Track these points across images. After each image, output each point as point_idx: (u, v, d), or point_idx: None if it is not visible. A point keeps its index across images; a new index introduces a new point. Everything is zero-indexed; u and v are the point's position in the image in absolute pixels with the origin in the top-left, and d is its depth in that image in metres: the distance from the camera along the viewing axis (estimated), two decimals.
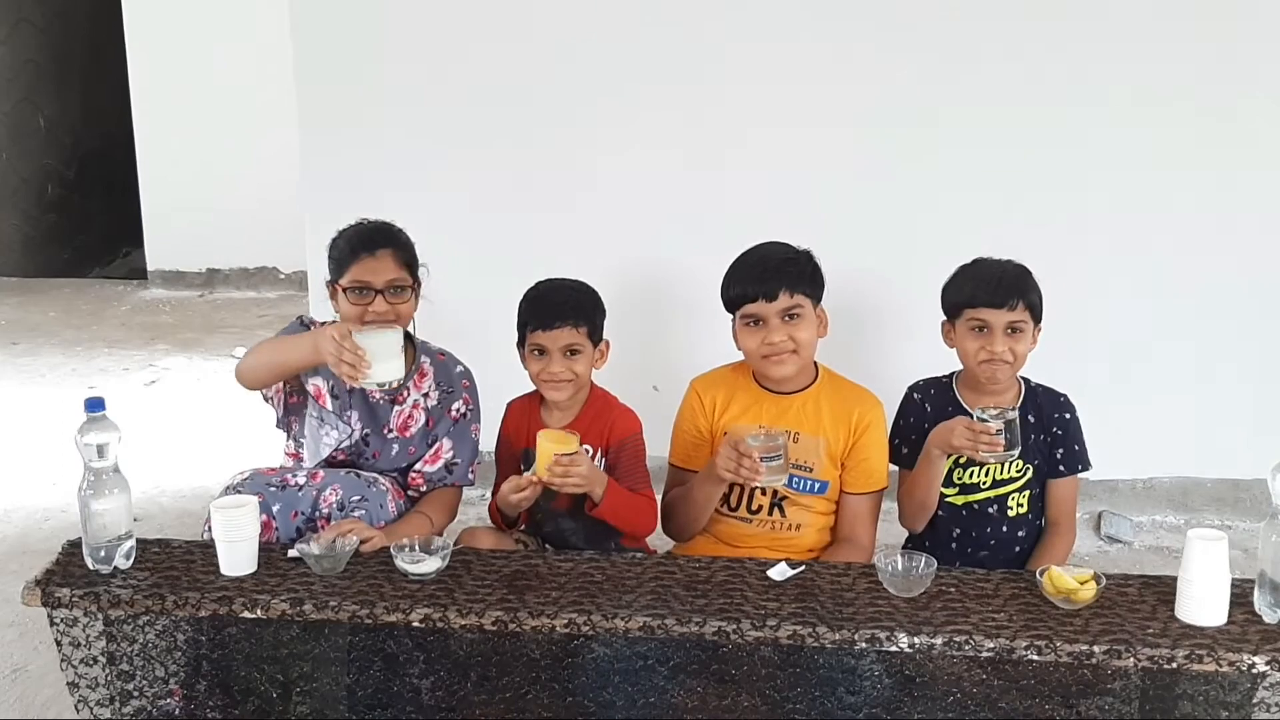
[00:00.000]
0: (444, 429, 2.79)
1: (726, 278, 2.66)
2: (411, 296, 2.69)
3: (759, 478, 2.44)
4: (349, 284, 2.63)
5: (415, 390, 2.77)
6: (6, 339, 6.27)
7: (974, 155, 3.69)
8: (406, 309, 2.68)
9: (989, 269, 2.64)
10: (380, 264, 2.63)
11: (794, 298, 2.58)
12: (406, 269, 2.68)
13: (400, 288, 2.65)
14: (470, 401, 2.82)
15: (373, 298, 2.62)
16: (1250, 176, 3.64)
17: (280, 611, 2.25)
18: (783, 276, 2.58)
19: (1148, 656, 2.07)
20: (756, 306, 2.59)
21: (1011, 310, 2.56)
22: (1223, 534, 2.13)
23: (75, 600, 2.28)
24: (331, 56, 3.85)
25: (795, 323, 2.59)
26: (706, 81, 3.73)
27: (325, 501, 2.55)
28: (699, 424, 2.74)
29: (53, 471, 4.18)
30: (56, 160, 8.05)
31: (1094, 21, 3.57)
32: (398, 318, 2.64)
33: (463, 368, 2.85)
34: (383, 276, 2.63)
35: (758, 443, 2.43)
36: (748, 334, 2.62)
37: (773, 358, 2.61)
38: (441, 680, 2.42)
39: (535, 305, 2.69)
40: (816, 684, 2.31)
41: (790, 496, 2.67)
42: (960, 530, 2.69)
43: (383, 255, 2.64)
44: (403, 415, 2.76)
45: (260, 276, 7.26)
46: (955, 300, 2.65)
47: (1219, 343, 3.75)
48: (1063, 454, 2.68)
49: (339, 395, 2.72)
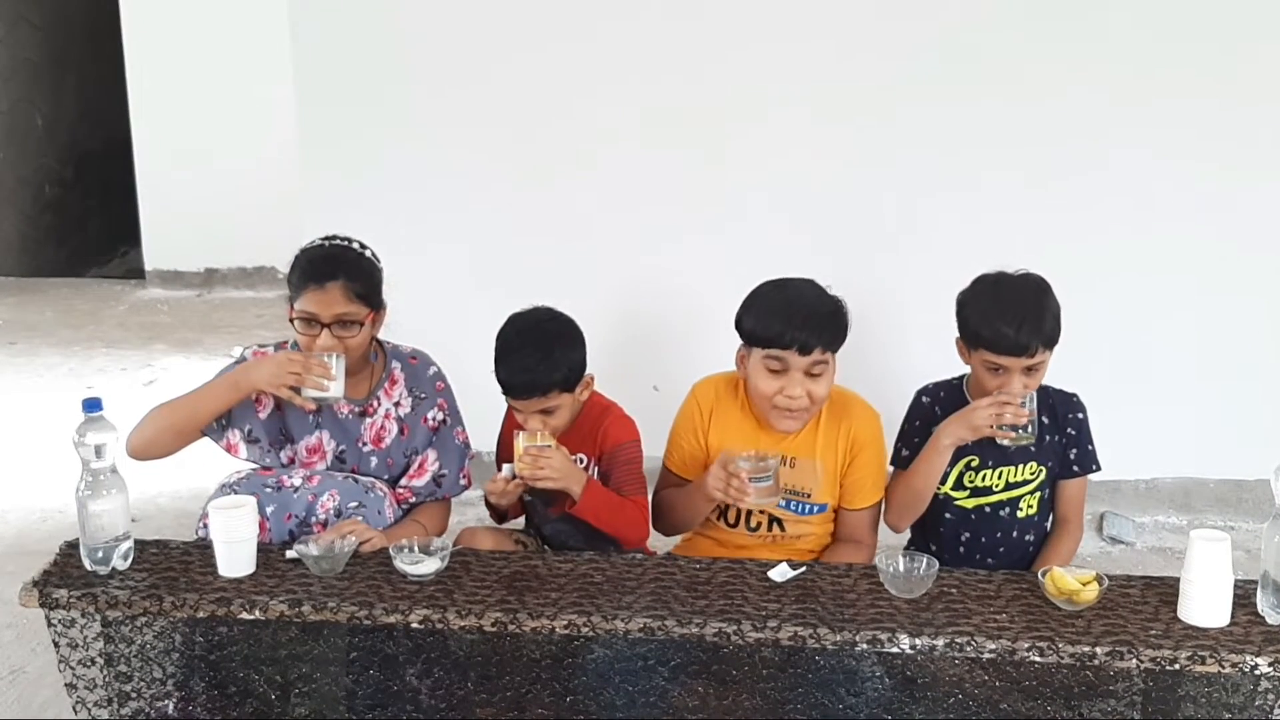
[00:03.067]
0: (423, 440, 2.71)
1: (755, 311, 2.55)
2: (361, 329, 2.56)
3: (747, 499, 2.42)
4: (297, 314, 2.54)
5: (386, 399, 2.69)
6: (4, 339, 6.26)
7: (975, 155, 3.68)
8: (355, 342, 2.56)
9: (1009, 303, 2.49)
10: (328, 297, 2.51)
11: (824, 354, 2.50)
12: (359, 300, 2.54)
13: (348, 322, 2.54)
14: (446, 406, 2.74)
15: (319, 330, 2.52)
16: (1252, 177, 3.64)
17: (278, 612, 2.24)
18: (823, 334, 2.49)
19: (1150, 658, 2.07)
20: (786, 355, 2.49)
21: (1030, 357, 2.47)
22: (1225, 535, 2.13)
23: (73, 601, 2.27)
24: (331, 56, 3.84)
25: (816, 379, 2.51)
26: (707, 83, 3.72)
27: (323, 507, 2.53)
28: (695, 432, 2.69)
29: (50, 472, 4.17)
30: (54, 160, 8.04)
31: (1096, 21, 3.56)
32: (345, 351, 2.54)
33: (435, 369, 2.76)
34: (330, 310, 2.51)
35: (748, 464, 2.41)
36: (766, 377, 2.52)
37: (784, 411, 2.53)
38: (441, 681, 2.41)
39: (501, 368, 2.56)
40: (817, 685, 2.30)
41: (785, 519, 2.65)
42: (970, 534, 2.67)
43: (331, 288, 2.51)
44: (375, 427, 2.68)
45: (258, 276, 7.24)
46: (975, 334, 2.53)
47: (1222, 343, 3.75)
48: (1076, 454, 2.66)
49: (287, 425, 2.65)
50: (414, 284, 3.85)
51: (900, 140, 3.69)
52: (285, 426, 2.67)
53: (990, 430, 2.47)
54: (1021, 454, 2.60)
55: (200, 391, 2.61)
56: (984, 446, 2.60)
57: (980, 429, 2.48)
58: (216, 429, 2.64)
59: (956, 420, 2.52)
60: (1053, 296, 2.55)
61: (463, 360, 2.82)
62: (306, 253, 2.61)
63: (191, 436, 2.63)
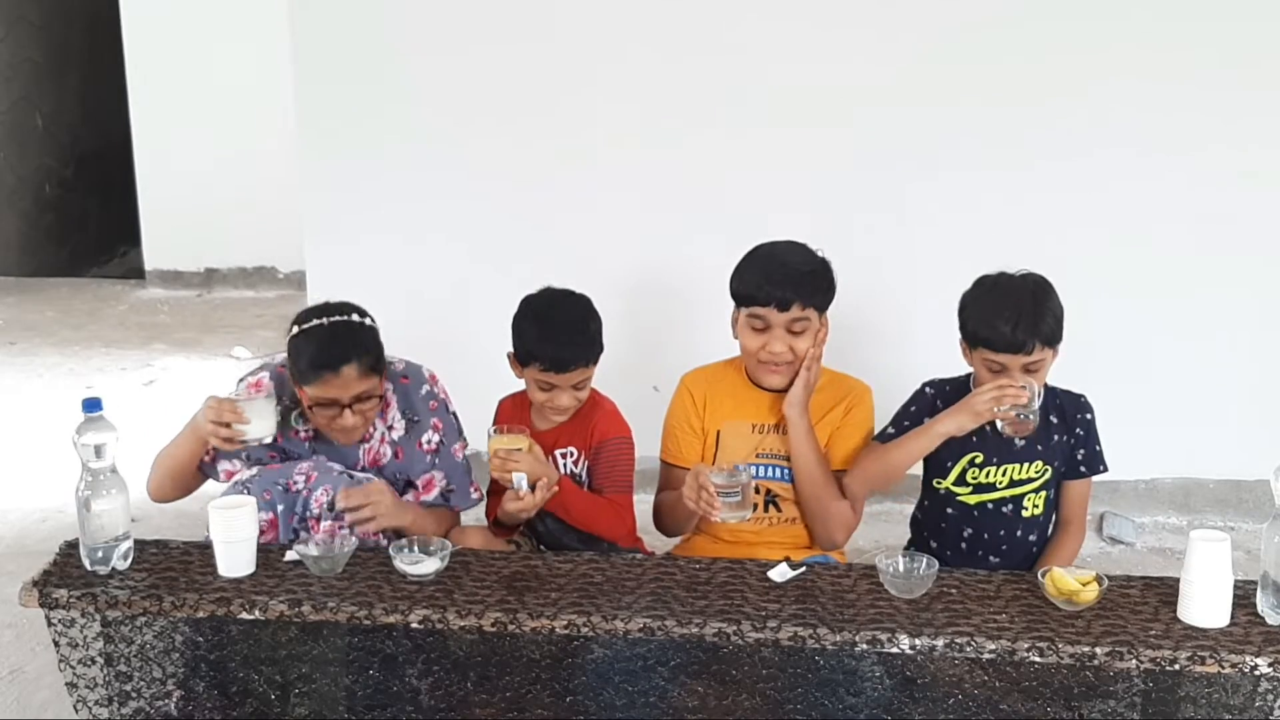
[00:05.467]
0: (420, 464, 2.70)
1: (741, 270, 2.64)
2: (379, 400, 2.60)
3: (715, 513, 2.44)
4: (314, 399, 2.53)
5: (380, 423, 2.68)
6: (4, 338, 6.26)
7: (975, 154, 3.68)
8: (374, 412, 2.61)
9: (1007, 303, 2.50)
10: (344, 381, 2.50)
11: (804, 310, 2.58)
12: (373, 374, 2.54)
13: (366, 397, 2.55)
14: (442, 425, 2.71)
15: (340, 411, 2.53)
16: (1252, 176, 3.64)
17: (278, 612, 2.24)
18: (800, 290, 2.57)
19: (1150, 658, 2.07)
20: (766, 312, 2.58)
21: (1029, 355, 2.48)
22: (1225, 535, 2.13)
23: (73, 601, 2.28)
24: (331, 56, 3.85)
25: (798, 336, 2.59)
26: (707, 82, 3.72)
27: (316, 502, 2.54)
28: (689, 420, 2.74)
29: (50, 472, 4.16)
30: (54, 159, 8.04)
31: (1098, 21, 3.56)
32: (365, 422, 2.58)
33: (427, 388, 2.72)
34: (349, 392, 2.51)
35: (719, 479, 2.44)
36: (750, 334, 2.63)
37: (769, 365, 2.62)
38: (440, 681, 2.41)
39: (543, 343, 2.61)
40: (817, 685, 2.30)
41: (784, 493, 2.68)
42: (972, 531, 2.66)
43: (346, 372, 2.49)
44: (371, 452, 2.69)
45: (258, 276, 7.25)
46: (973, 333, 2.55)
47: (1221, 343, 3.75)
48: (1084, 455, 2.66)
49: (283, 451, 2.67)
50: (413, 283, 3.88)
51: (901, 140, 3.69)
52: (281, 453, 2.67)
53: (991, 415, 2.47)
54: (1027, 452, 2.60)
55: (177, 440, 2.66)
56: (988, 443, 2.60)
57: (981, 414, 2.48)
58: (210, 466, 2.68)
59: (957, 407, 2.53)
60: (1054, 296, 2.55)
61: (461, 358, 2.84)
62: (307, 335, 2.54)
63: (185, 481, 2.69)
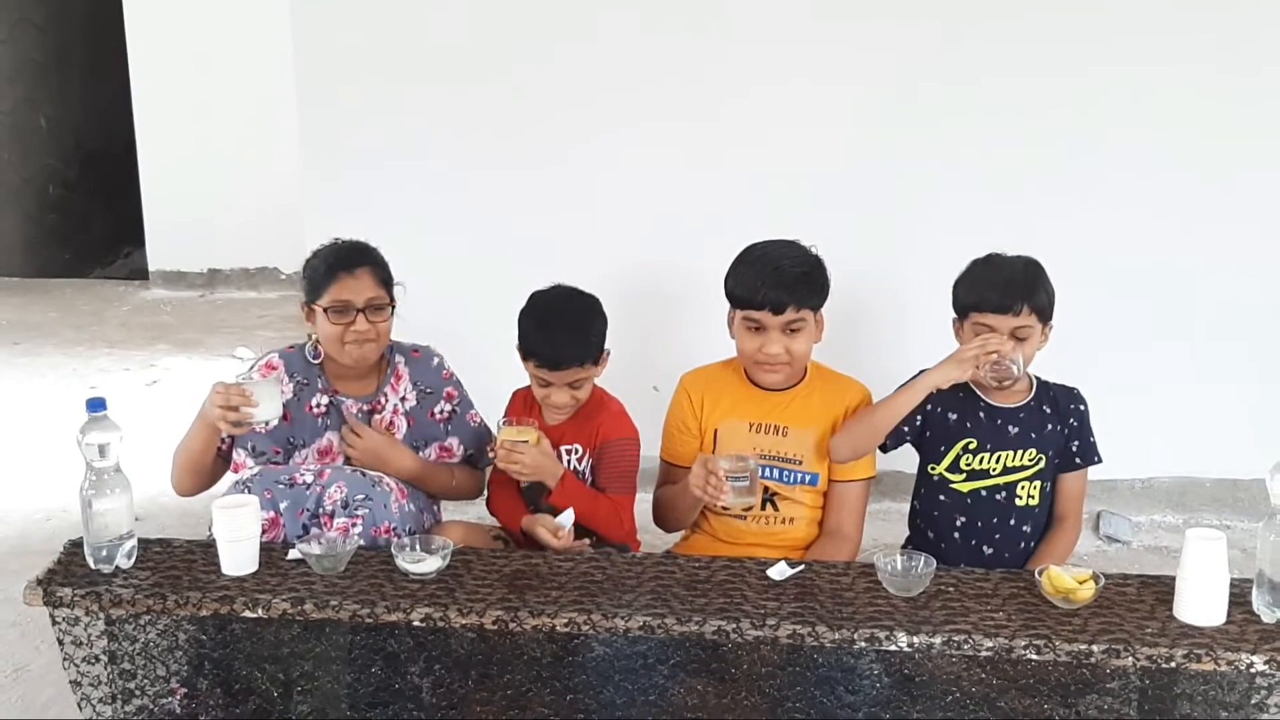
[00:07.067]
0: (434, 432, 2.81)
1: (735, 273, 2.66)
2: (389, 315, 2.71)
3: (723, 497, 2.46)
4: (329, 304, 2.66)
5: (393, 395, 2.79)
6: (8, 339, 6.27)
7: (975, 154, 3.69)
8: (385, 327, 2.71)
9: (998, 271, 2.62)
10: (359, 282, 2.66)
11: (799, 312, 2.59)
12: (384, 287, 2.70)
13: (379, 306, 2.68)
14: (455, 395, 2.85)
15: (353, 317, 2.65)
16: (1252, 176, 3.65)
17: (281, 611, 2.25)
18: (794, 292, 2.57)
19: (1146, 656, 2.08)
20: (761, 315, 2.59)
21: (1016, 316, 2.55)
22: (1221, 534, 2.14)
23: (77, 600, 2.29)
24: (332, 56, 3.86)
25: (795, 336, 2.61)
26: (706, 82, 3.73)
27: (330, 499, 2.55)
28: (687, 421, 2.76)
29: (54, 471, 4.18)
30: (57, 160, 8.06)
31: (1099, 18, 3.57)
32: (377, 336, 2.68)
33: (438, 359, 2.86)
34: (363, 295, 2.65)
35: (727, 464, 2.46)
36: (746, 335, 2.64)
37: (765, 365, 2.64)
38: (442, 679, 2.42)
39: (539, 341, 2.64)
40: (816, 683, 2.32)
41: (781, 492, 2.69)
42: (965, 519, 2.68)
43: (361, 274, 2.67)
44: (384, 423, 2.77)
45: (261, 277, 7.26)
46: (964, 302, 2.64)
47: (1218, 342, 3.76)
48: (1078, 446, 2.69)
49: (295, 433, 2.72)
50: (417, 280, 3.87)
51: (901, 139, 3.70)
52: (292, 435, 2.73)
53: (976, 364, 2.51)
54: (1021, 439, 2.63)
55: (189, 433, 2.71)
56: (982, 429, 2.64)
57: (966, 363, 2.52)
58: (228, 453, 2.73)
59: (944, 362, 2.56)
60: (1044, 274, 2.62)
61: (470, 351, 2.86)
62: (321, 252, 2.73)
63: (206, 471, 2.76)
